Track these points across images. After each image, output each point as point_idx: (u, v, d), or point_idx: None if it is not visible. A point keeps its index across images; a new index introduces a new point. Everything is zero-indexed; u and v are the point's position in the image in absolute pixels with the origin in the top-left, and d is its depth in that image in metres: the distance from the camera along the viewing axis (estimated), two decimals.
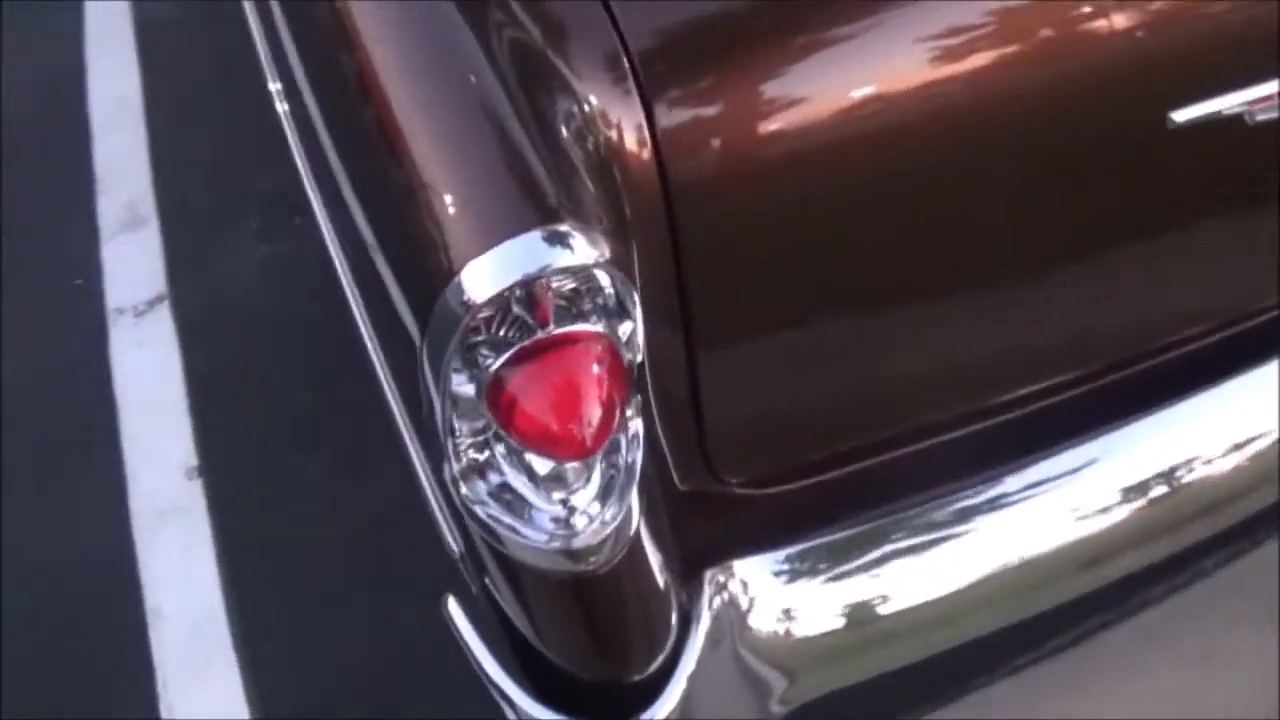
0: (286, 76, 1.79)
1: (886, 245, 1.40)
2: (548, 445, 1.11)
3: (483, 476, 1.20)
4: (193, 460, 2.50)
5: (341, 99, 1.37)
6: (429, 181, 1.14)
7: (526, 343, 1.07)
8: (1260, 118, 1.41)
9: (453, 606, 1.47)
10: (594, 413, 1.09)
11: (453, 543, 1.45)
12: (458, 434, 1.18)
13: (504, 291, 1.06)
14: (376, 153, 1.23)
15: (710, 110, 1.26)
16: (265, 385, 2.61)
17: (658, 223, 1.24)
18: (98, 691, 2.20)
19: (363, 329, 1.58)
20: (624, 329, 1.13)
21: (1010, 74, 1.35)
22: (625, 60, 1.22)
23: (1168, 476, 1.64)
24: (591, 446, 1.11)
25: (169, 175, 3.03)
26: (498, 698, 1.44)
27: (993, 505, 1.57)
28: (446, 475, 1.22)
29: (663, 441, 1.38)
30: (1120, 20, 1.37)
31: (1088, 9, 1.36)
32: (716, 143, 1.26)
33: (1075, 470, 1.62)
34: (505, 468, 1.20)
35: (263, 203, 2.92)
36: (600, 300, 1.11)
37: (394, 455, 1.56)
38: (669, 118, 1.23)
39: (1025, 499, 1.60)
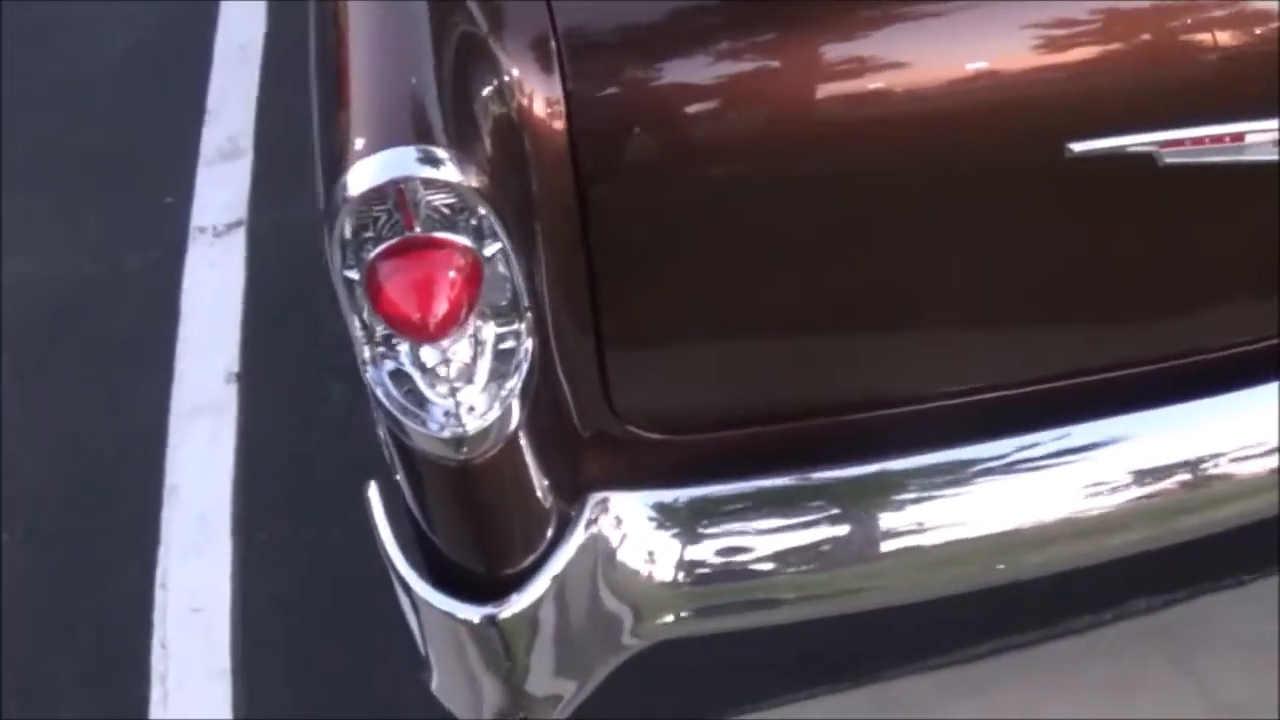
0: None
1: (792, 236, 1.54)
2: (403, 327, 1.33)
3: (386, 362, 1.41)
4: (235, 367, 2.77)
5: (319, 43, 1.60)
6: (355, 109, 1.38)
7: (395, 240, 1.30)
8: (1169, 160, 1.50)
9: (373, 491, 1.68)
10: (441, 306, 1.30)
11: (382, 433, 1.65)
12: (366, 323, 1.39)
13: (375, 190, 1.28)
14: (328, 84, 1.46)
15: (626, 95, 1.44)
16: (314, 314, 2.84)
17: (564, 188, 1.42)
18: (105, 550, 2.48)
19: None
20: (489, 249, 1.34)
21: (919, 75, 1.46)
22: (553, 40, 1.41)
23: (1050, 492, 1.72)
24: (435, 333, 1.32)
25: (271, 115, 3.34)
26: (392, 575, 1.63)
27: (859, 490, 1.68)
28: (359, 360, 1.44)
29: (560, 373, 1.55)
30: (1034, 49, 1.48)
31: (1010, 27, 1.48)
32: (628, 122, 1.44)
33: (964, 467, 1.70)
34: (404, 359, 1.41)
35: None
36: (473, 221, 1.32)
37: None
38: (586, 99, 1.41)
39: (910, 490, 1.69)
